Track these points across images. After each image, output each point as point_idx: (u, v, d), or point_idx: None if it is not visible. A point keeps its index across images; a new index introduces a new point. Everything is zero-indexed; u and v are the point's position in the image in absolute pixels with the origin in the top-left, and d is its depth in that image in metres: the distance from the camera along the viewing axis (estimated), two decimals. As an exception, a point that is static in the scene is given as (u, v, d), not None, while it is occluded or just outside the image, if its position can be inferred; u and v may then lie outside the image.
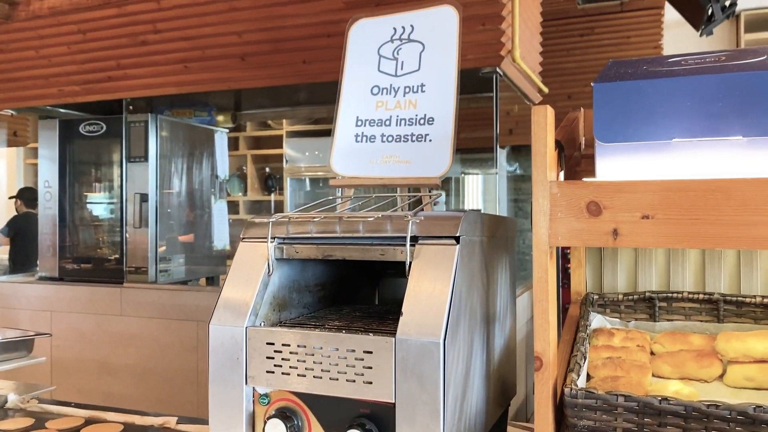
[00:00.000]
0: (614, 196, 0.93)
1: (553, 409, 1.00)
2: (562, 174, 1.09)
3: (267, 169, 6.87)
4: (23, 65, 3.85)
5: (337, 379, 0.89)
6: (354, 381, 0.88)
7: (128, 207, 3.82)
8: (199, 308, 3.45)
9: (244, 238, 1.03)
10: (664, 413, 0.94)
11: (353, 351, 0.89)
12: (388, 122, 1.22)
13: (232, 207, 6.54)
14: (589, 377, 1.13)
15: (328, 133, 5.60)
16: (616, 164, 1.02)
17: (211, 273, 4.48)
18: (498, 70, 2.84)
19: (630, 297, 1.32)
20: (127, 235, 3.80)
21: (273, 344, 0.93)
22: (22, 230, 5.33)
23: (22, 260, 5.16)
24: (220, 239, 4.57)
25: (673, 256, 1.40)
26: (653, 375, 1.17)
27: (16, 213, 5.77)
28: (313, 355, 0.91)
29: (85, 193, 4.16)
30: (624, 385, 1.07)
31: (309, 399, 0.93)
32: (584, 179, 1.07)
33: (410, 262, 0.92)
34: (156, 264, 3.82)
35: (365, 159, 1.21)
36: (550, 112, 0.98)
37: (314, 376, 0.91)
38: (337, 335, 0.90)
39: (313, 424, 0.93)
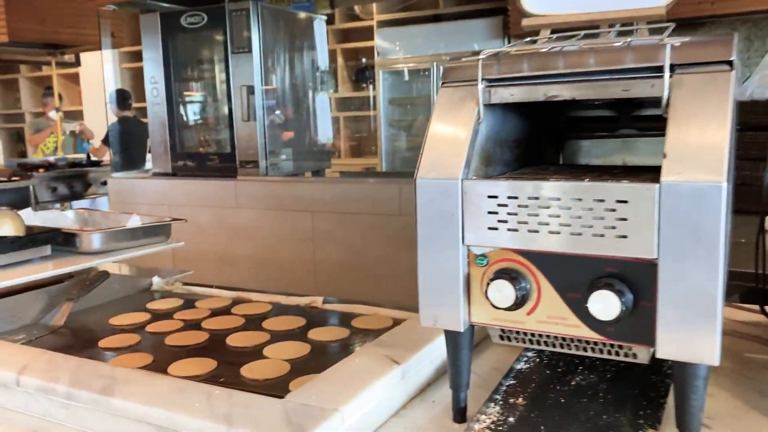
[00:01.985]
0: None
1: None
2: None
3: (363, 60, 6.66)
4: (123, -45, 3.77)
5: (580, 234, 0.77)
6: (602, 236, 0.75)
7: (235, 100, 3.77)
8: (313, 199, 3.42)
9: (445, 83, 0.89)
10: None
11: (602, 201, 0.75)
12: (591, -53, 1.02)
13: (324, 104, 6.44)
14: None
15: (422, 20, 5.28)
16: None
17: (317, 167, 4.44)
18: None
19: None
20: (236, 128, 3.78)
21: (496, 197, 0.81)
22: (124, 136, 5.11)
23: (128, 166, 5.07)
24: (324, 133, 4.50)
25: None
26: None
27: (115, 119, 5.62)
28: (548, 207, 0.78)
29: (190, 89, 4.14)
30: None
31: (538, 258, 0.81)
32: None
33: (668, 97, 0.75)
34: (266, 157, 3.79)
35: (563, -7, 1.03)
36: None
37: (549, 232, 0.78)
38: (579, 185, 0.76)
39: (543, 286, 0.82)
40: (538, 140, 1.15)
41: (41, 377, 0.93)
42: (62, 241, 1.87)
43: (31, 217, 2.15)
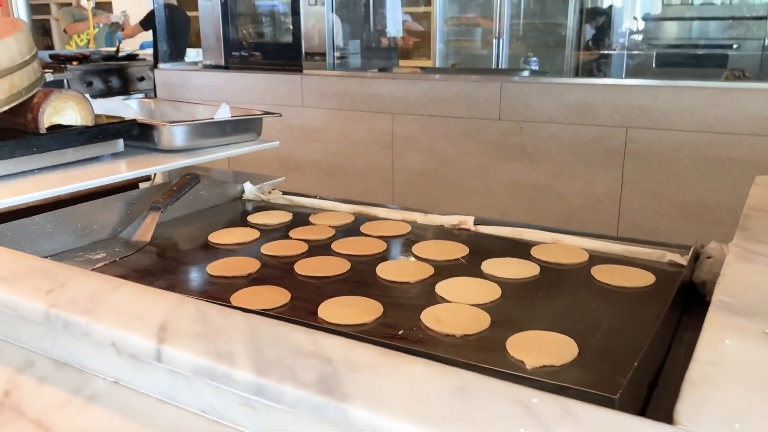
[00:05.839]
0: None
1: None
2: None
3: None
4: None
5: None
6: None
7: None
8: (394, 99, 2.98)
9: None
10: None
11: None
12: None
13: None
14: None
15: None
16: None
17: (384, 65, 3.97)
18: None
19: None
20: (303, 15, 3.30)
21: None
22: (169, 24, 4.66)
23: (170, 58, 4.64)
24: (394, 24, 3.99)
25: None
26: None
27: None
28: None
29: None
30: None
31: None
32: None
33: None
34: (333, 49, 3.33)
35: None
36: None
37: None
38: None
39: None
40: None
41: (201, 350, 0.53)
42: (137, 135, 1.49)
43: (91, 105, 1.77)
